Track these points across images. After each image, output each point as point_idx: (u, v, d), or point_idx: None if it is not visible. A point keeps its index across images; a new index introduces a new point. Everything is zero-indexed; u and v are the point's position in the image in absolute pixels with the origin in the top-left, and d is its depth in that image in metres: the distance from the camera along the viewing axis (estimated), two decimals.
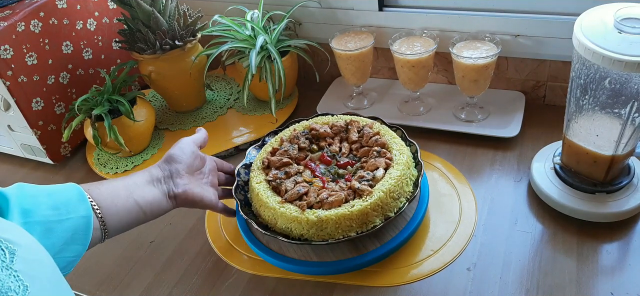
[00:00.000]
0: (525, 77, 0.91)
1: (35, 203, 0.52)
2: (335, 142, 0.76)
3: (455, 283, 0.64)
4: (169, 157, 0.67)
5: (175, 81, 0.98)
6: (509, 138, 0.84)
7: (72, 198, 0.55)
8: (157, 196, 0.63)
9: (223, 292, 0.69)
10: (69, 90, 0.97)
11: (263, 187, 0.70)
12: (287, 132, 0.79)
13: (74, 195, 0.55)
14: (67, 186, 0.56)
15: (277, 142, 0.77)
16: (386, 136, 0.74)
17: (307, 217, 0.63)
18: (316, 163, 0.73)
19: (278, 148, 0.76)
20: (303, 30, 1.05)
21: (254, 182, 0.71)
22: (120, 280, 0.73)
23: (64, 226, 0.52)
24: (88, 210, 0.55)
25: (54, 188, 0.55)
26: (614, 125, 0.63)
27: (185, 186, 0.65)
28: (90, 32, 0.99)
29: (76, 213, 0.54)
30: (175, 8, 0.94)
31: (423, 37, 0.90)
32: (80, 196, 0.55)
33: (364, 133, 0.75)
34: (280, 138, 0.78)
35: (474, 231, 0.70)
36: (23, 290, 0.34)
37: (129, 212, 0.60)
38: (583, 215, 0.67)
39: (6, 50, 0.84)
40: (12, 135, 0.97)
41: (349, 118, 0.79)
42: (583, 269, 0.63)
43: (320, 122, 0.79)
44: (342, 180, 0.70)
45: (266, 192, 0.69)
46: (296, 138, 0.76)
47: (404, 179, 0.67)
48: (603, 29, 0.59)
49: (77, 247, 0.54)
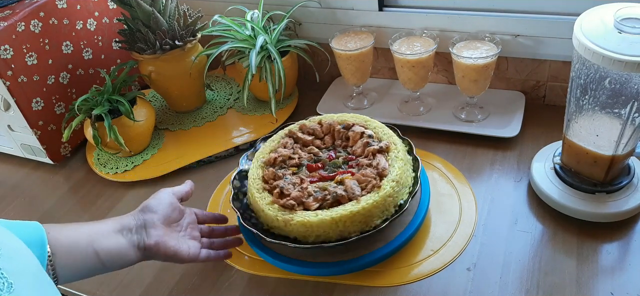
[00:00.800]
0: (525, 77, 0.91)
1: None
2: (324, 144, 0.77)
3: (455, 283, 0.64)
4: (144, 206, 0.64)
5: (175, 81, 0.98)
6: (509, 138, 0.84)
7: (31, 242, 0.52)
8: (123, 247, 0.60)
9: (223, 292, 0.69)
10: (69, 90, 0.97)
11: (265, 196, 0.69)
12: (277, 138, 0.78)
13: (34, 237, 0.53)
14: (30, 226, 0.54)
15: (271, 148, 0.76)
16: (377, 129, 0.75)
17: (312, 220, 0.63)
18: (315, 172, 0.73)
19: (275, 157, 0.74)
20: (303, 30, 1.05)
21: (256, 196, 0.69)
22: (120, 280, 0.73)
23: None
24: (43, 256, 0.53)
25: (16, 227, 0.52)
26: (614, 125, 0.63)
27: (159, 237, 0.62)
28: (90, 32, 0.99)
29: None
30: (175, 8, 0.94)
31: (423, 37, 0.90)
32: (40, 240, 0.54)
33: (354, 131, 0.75)
34: (275, 147, 0.77)
35: (474, 231, 0.70)
36: (7, 287, 0.34)
37: (85, 263, 0.57)
38: (583, 215, 0.67)
39: (6, 50, 0.84)
40: (12, 135, 0.97)
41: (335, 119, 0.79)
42: (583, 269, 0.63)
43: (309, 123, 0.79)
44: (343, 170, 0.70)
45: (270, 207, 0.67)
46: (288, 146, 0.76)
47: (406, 170, 0.68)
48: (603, 29, 0.59)
49: None
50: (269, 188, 0.70)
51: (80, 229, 0.59)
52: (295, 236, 0.66)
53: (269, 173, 0.71)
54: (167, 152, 0.96)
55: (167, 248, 0.62)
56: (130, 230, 0.61)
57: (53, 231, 0.56)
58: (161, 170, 0.92)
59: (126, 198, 0.89)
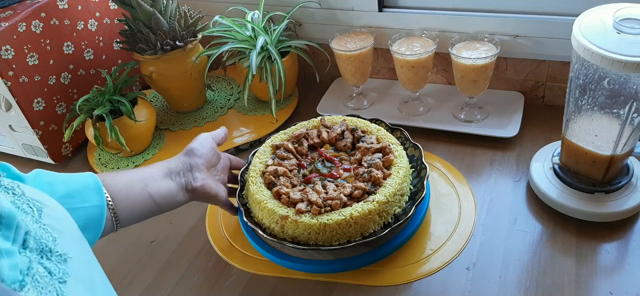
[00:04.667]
0: (524, 77, 0.92)
1: (51, 190, 0.53)
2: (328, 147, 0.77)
3: (455, 282, 0.65)
4: (189, 150, 0.68)
5: (176, 81, 0.99)
6: (508, 139, 0.84)
7: (87, 187, 0.56)
8: (173, 189, 0.64)
9: (223, 292, 0.69)
10: (70, 90, 0.97)
11: (258, 180, 0.70)
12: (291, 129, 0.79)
13: (90, 184, 0.57)
14: (84, 175, 0.58)
15: (272, 150, 0.77)
16: (385, 139, 0.74)
17: (310, 222, 0.63)
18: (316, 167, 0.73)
19: (279, 156, 0.74)
20: (303, 31, 1.05)
21: (257, 194, 0.69)
22: (120, 280, 0.73)
23: (78, 214, 0.53)
24: (102, 200, 0.57)
25: (70, 176, 0.57)
26: (612, 125, 0.63)
27: (204, 180, 0.67)
28: (91, 33, 0.99)
29: (90, 202, 0.56)
30: (176, 9, 0.94)
31: (422, 37, 0.90)
32: (96, 185, 0.57)
33: (361, 144, 0.74)
34: (278, 148, 0.76)
35: (473, 231, 0.71)
36: (53, 240, 0.36)
37: (142, 205, 0.62)
38: (582, 214, 0.68)
39: (7, 51, 0.84)
40: (14, 135, 0.98)
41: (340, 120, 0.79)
42: (582, 268, 0.63)
43: (314, 125, 0.79)
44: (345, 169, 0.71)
45: (269, 201, 0.67)
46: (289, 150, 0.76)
47: (405, 182, 0.68)
48: (602, 30, 0.59)
49: (90, 235, 0.56)
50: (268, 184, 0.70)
51: (132, 175, 0.63)
52: (291, 238, 0.66)
53: (268, 175, 0.71)
54: (168, 152, 0.97)
55: (209, 190, 0.67)
56: (178, 173, 0.66)
57: (108, 179, 0.60)
58: None
59: None
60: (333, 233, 0.63)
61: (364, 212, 0.63)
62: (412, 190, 0.70)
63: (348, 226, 0.63)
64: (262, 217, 0.68)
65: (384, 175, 0.68)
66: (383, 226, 0.65)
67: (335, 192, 0.67)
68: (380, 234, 0.64)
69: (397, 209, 0.67)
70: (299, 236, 0.65)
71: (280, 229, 0.65)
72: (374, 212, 0.64)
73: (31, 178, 0.53)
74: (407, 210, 0.67)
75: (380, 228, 0.65)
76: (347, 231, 0.64)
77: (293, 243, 0.65)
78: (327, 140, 0.76)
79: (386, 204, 0.65)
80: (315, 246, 0.64)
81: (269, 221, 0.67)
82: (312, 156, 0.75)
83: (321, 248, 0.64)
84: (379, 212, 0.64)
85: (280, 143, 0.76)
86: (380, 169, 0.69)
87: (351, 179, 0.70)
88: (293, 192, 0.67)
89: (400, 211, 0.67)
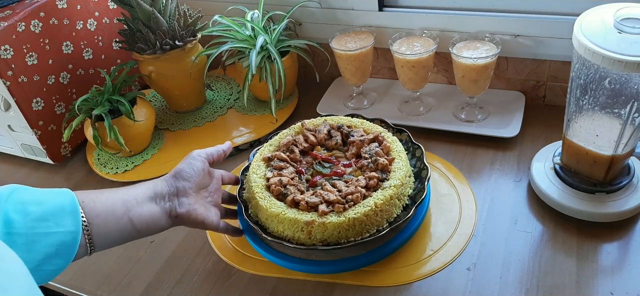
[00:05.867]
0: (525, 77, 0.91)
1: (23, 211, 0.49)
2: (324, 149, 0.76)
3: (455, 283, 0.64)
4: (177, 172, 0.64)
5: (176, 81, 0.99)
6: (509, 138, 0.84)
7: (63, 209, 0.52)
8: (156, 214, 0.60)
9: (223, 292, 0.69)
10: (69, 90, 0.97)
11: (265, 195, 0.69)
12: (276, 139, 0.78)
13: (66, 206, 0.52)
14: (62, 194, 0.53)
15: (272, 148, 0.76)
16: (372, 129, 0.75)
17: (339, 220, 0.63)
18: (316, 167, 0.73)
19: (277, 156, 0.74)
20: (303, 31, 1.05)
21: (272, 208, 0.67)
22: (120, 280, 0.73)
23: (50, 240, 0.50)
24: (77, 225, 0.52)
25: (47, 195, 0.52)
26: (613, 125, 0.63)
27: (190, 206, 0.62)
28: (90, 32, 0.99)
29: (64, 227, 0.51)
30: (175, 8, 0.94)
31: (423, 37, 0.90)
32: (73, 208, 0.53)
33: (353, 138, 0.74)
34: (277, 148, 0.76)
35: (474, 231, 0.70)
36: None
37: (121, 230, 0.58)
38: (583, 215, 0.68)
39: (6, 50, 0.84)
40: (13, 135, 0.97)
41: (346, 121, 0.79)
42: (583, 269, 0.63)
43: (312, 124, 0.79)
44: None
45: (288, 211, 0.66)
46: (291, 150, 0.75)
47: (405, 184, 0.68)
48: (603, 29, 0.59)
49: (60, 261, 0.52)
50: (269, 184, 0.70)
51: (114, 196, 0.58)
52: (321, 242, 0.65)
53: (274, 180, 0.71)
54: (167, 152, 0.96)
55: (196, 216, 0.63)
56: (163, 197, 0.62)
57: (88, 200, 0.55)
58: (161, 170, 0.92)
59: None
60: (362, 225, 0.63)
61: (386, 198, 0.64)
62: (413, 192, 0.70)
63: (375, 216, 0.64)
64: (283, 229, 0.65)
65: (389, 161, 0.70)
66: (403, 209, 0.67)
67: (347, 187, 0.67)
68: (404, 218, 0.65)
69: (409, 190, 0.69)
70: (329, 238, 0.64)
71: (307, 236, 0.64)
72: (394, 196, 0.65)
73: (5, 195, 0.49)
74: (417, 188, 0.69)
75: (402, 211, 0.67)
76: (375, 221, 0.64)
77: (323, 246, 0.64)
78: (317, 142, 0.76)
79: (402, 186, 0.67)
80: (346, 243, 0.63)
81: (292, 231, 0.65)
82: (306, 161, 0.75)
83: (355, 242, 0.63)
84: (397, 195, 0.66)
85: (273, 155, 0.74)
86: (383, 156, 0.70)
87: (357, 173, 0.70)
88: (308, 197, 0.66)
89: (413, 192, 0.69)
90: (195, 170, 0.65)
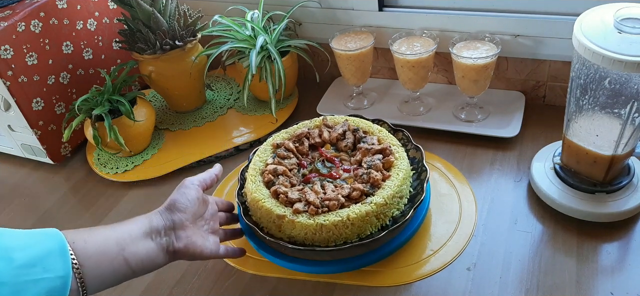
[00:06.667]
0: (525, 77, 0.91)
1: (8, 258, 0.46)
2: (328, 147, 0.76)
3: (455, 283, 0.64)
4: (171, 204, 0.60)
5: (176, 81, 0.99)
6: (509, 138, 0.84)
7: (51, 252, 0.48)
8: (152, 252, 0.57)
9: (223, 292, 0.69)
10: (69, 90, 0.97)
11: (257, 179, 0.70)
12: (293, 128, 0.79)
13: (54, 249, 0.49)
14: (49, 234, 0.50)
15: (272, 149, 0.76)
16: (387, 140, 0.74)
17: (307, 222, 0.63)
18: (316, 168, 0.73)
19: (278, 155, 0.74)
20: (303, 31, 1.05)
21: (255, 193, 0.69)
22: None
23: (38, 287, 0.46)
24: (67, 268, 0.49)
25: (32, 238, 0.49)
26: (613, 125, 0.63)
27: (188, 239, 0.59)
28: (90, 32, 0.99)
29: (53, 272, 0.47)
30: (175, 8, 0.94)
31: (423, 37, 0.90)
32: (61, 250, 0.49)
33: (362, 145, 0.74)
34: (277, 148, 0.76)
35: (474, 231, 0.70)
36: None
37: (116, 272, 0.54)
38: (583, 215, 0.68)
39: (6, 50, 0.84)
40: (13, 135, 0.97)
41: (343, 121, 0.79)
42: (583, 269, 0.63)
43: (314, 125, 0.79)
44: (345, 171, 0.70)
45: (267, 200, 0.67)
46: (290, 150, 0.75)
47: (404, 185, 0.68)
48: (603, 29, 0.59)
49: None
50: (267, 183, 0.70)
51: (108, 235, 0.55)
52: (288, 238, 0.66)
53: (268, 173, 0.71)
54: (167, 151, 0.96)
55: (194, 249, 0.60)
56: (159, 232, 0.58)
57: (78, 240, 0.51)
58: (161, 170, 0.92)
59: (126, 198, 0.89)
60: (330, 234, 0.63)
61: (361, 214, 0.63)
62: (412, 193, 0.70)
63: (345, 228, 0.63)
64: (260, 216, 0.67)
65: (383, 177, 0.68)
66: (380, 229, 0.65)
67: (333, 192, 0.66)
68: (376, 236, 0.64)
69: (395, 211, 0.66)
70: (296, 237, 0.65)
71: (278, 229, 0.65)
72: (371, 213, 0.63)
73: None
74: (405, 212, 0.67)
75: (378, 231, 0.65)
76: (344, 233, 0.63)
77: (290, 243, 0.65)
78: (329, 140, 0.76)
79: (384, 206, 0.64)
80: (311, 246, 0.64)
81: (266, 220, 0.66)
82: (312, 155, 0.75)
83: (316, 249, 0.64)
84: (376, 214, 0.64)
85: (281, 142, 0.75)
86: (379, 171, 0.68)
87: (351, 180, 0.70)
88: (291, 192, 0.67)
89: (399, 213, 0.67)
90: (190, 199, 0.61)
